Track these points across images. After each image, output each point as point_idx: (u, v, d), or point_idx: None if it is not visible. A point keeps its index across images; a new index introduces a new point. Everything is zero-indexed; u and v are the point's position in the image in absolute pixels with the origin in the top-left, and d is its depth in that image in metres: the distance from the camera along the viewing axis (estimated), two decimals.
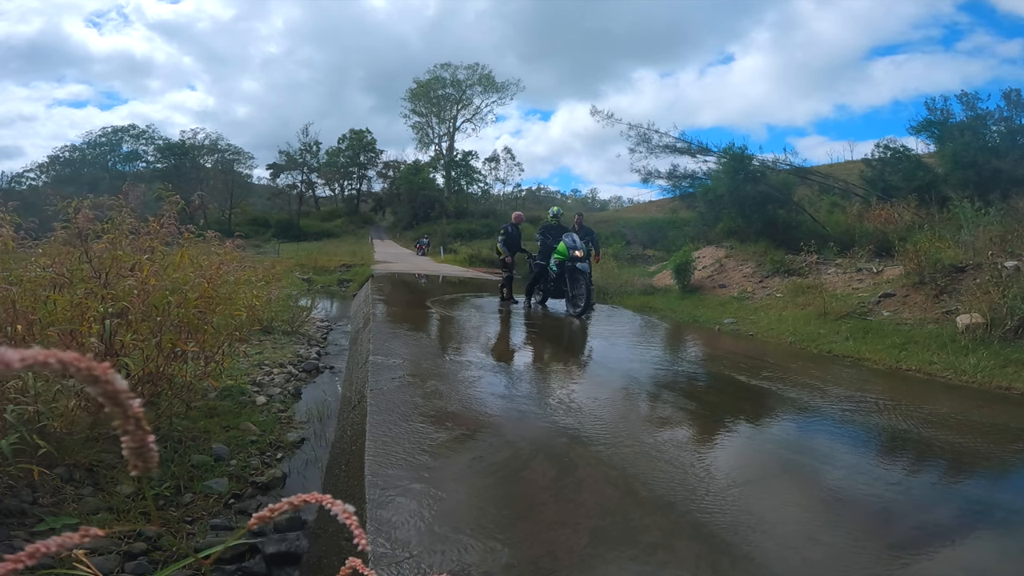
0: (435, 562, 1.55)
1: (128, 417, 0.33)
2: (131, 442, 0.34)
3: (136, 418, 0.34)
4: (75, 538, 0.34)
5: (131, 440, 0.34)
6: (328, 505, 0.43)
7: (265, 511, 0.45)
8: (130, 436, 0.34)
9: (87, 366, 0.31)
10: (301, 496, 0.44)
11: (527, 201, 52.10)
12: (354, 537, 0.43)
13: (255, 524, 0.46)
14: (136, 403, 0.33)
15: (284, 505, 0.44)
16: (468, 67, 45.91)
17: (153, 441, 0.35)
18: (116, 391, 0.32)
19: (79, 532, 0.35)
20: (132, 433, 0.34)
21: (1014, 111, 12.86)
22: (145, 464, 0.35)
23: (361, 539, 0.42)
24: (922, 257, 6.61)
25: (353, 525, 0.42)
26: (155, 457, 0.35)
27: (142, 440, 0.34)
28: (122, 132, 45.27)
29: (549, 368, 4.25)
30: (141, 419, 0.34)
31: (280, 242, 28.87)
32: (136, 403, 0.33)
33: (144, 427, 0.34)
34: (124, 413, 0.33)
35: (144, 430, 0.34)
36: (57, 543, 0.33)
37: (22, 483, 2.10)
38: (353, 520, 0.43)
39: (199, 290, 2.98)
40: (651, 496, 2.03)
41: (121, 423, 0.33)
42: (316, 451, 3.13)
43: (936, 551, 1.75)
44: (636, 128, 14.98)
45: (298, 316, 6.89)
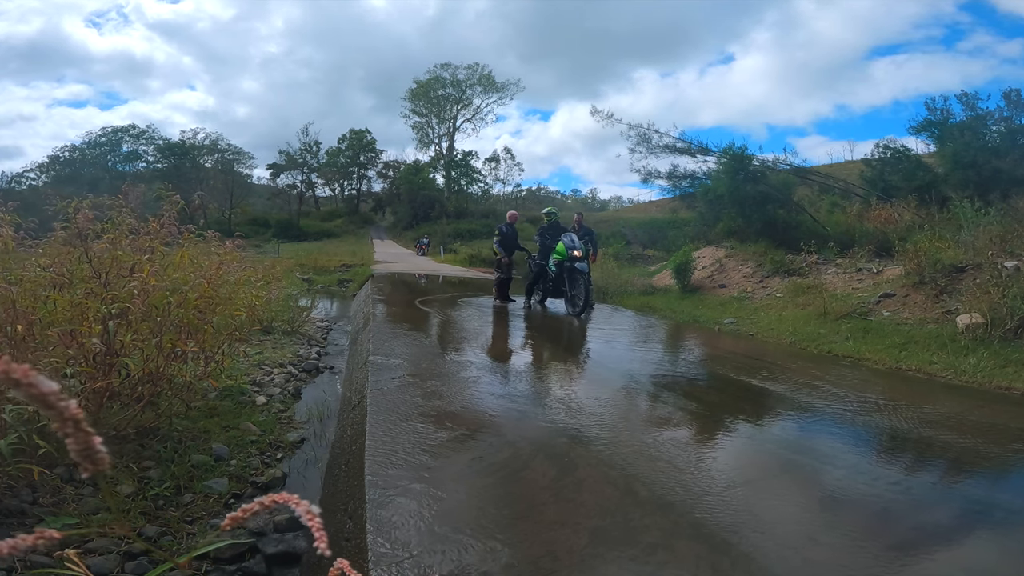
0: (435, 562, 1.55)
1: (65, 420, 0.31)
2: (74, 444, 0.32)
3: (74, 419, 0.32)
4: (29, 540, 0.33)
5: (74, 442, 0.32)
6: (294, 506, 0.43)
7: (239, 512, 0.44)
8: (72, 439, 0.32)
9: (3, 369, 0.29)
10: (272, 496, 0.44)
11: (527, 201, 52.09)
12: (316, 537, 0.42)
13: (229, 525, 0.45)
14: (72, 404, 0.32)
15: (255, 506, 0.44)
16: (468, 67, 45.98)
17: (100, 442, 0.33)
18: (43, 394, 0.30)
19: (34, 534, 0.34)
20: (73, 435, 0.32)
21: (1014, 111, 12.87)
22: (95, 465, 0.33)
23: (322, 542, 0.42)
24: (922, 257, 6.61)
25: (315, 527, 0.42)
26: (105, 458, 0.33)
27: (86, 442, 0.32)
28: (122, 132, 45.31)
29: (549, 368, 4.25)
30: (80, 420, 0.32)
31: (280, 242, 28.87)
32: (72, 404, 0.32)
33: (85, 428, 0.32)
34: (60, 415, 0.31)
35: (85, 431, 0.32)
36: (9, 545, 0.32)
37: (22, 483, 2.10)
38: (316, 522, 0.42)
39: (199, 290, 2.98)
40: (651, 496, 2.03)
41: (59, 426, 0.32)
42: (316, 451, 3.13)
43: (936, 551, 1.75)
44: (636, 128, 14.99)
45: (298, 316, 6.89)
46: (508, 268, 7.94)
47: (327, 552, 0.42)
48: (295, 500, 0.43)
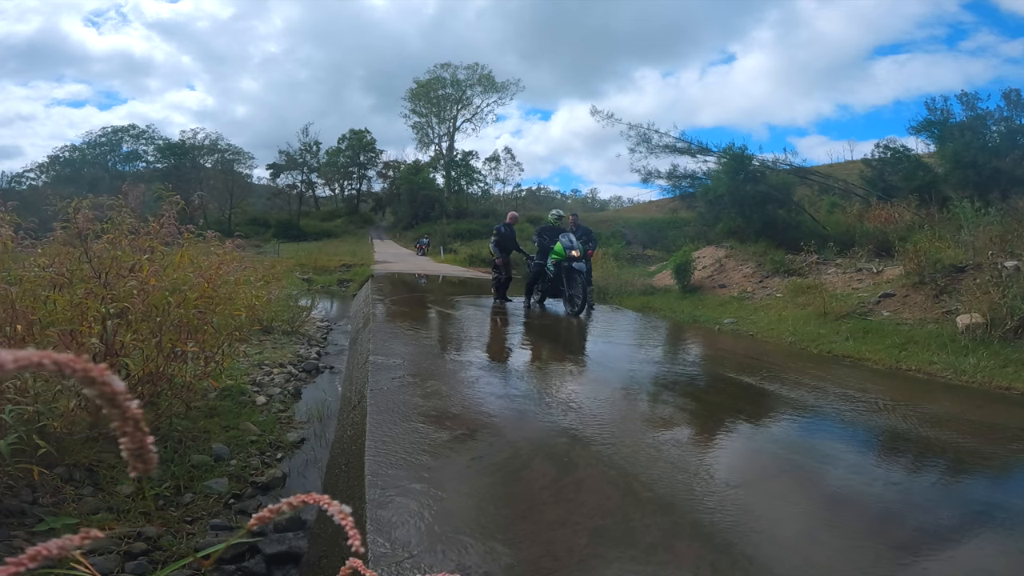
0: (435, 562, 1.55)
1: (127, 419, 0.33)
2: (130, 443, 0.34)
3: (135, 419, 0.33)
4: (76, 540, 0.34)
5: (130, 441, 0.34)
6: (326, 506, 0.43)
7: (265, 511, 0.45)
8: (129, 437, 0.33)
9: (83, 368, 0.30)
10: (300, 496, 0.44)
11: (527, 201, 52.11)
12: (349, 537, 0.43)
13: (255, 524, 0.45)
14: (134, 404, 0.33)
15: (283, 506, 0.44)
16: (468, 67, 45.95)
17: (152, 442, 0.35)
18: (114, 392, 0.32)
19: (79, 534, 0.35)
20: (131, 434, 0.33)
21: (1014, 111, 12.84)
22: (145, 465, 0.34)
23: (356, 540, 0.42)
24: (922, 257, 6.61)
25: (348, 526, 0.42)
26: (154, 458, 0.35)
27: (141, 441, 0.34)
28: (122, 132, 45.33)
29: (549, 368, 4.25)
30: (140, 420, 0.33)
31: (280, 242, 28.87)
32: (134, 404, 0.33)
33: (143, 428, 0.34)
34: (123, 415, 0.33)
35: (143, 431, 0.34)
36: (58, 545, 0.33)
37: (22, 483, 2.10)
38: (349, 521, 0.42)
39: (199, 290, 2.98)
40: (652, 496, 2.03)
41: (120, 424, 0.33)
42: (316, 451, 3.13)
43: (936, 551, 1.75)
44: (636, 128, 14.99)
45: (298, 316, 6.89)
46: (506, 268, 8.00)
47: (361, 549, 0.43)
48: (326, 500, 0.44)
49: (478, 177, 46.43)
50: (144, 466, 0.34)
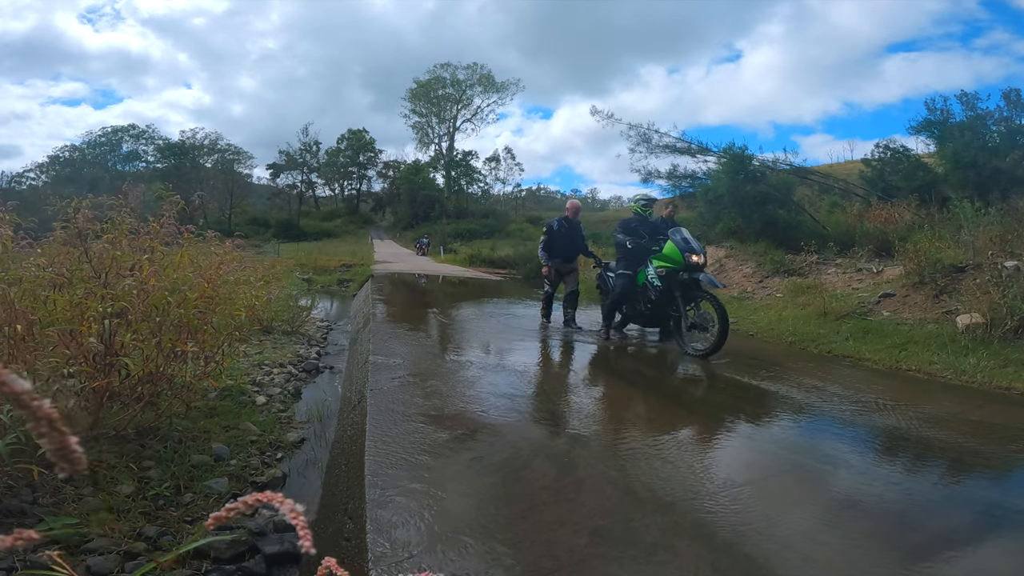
0: (435, 562, 1.54)
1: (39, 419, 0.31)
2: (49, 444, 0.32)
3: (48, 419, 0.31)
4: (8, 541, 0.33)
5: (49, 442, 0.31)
6: (277, 504, 0.42)
7: (222, 511, 0.44)
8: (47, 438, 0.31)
9: None
10: (255, 495, 0.44)
11: (527, 201, 52.12)
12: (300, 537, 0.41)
13: (212, 524, 0.44)
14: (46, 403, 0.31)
15: (240, 505, 0.43)
16: (468, 67, 45.97)
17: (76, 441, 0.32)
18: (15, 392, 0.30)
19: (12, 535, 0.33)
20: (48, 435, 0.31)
21: (1014, 111, 12.84)
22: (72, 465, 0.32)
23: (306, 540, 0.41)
24: (922, 257, 6.61)
25: (300, 526, 0.41)
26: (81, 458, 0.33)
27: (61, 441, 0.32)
28: (122, 132, 45.38)
29: (550, 371, 4.25)
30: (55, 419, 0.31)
31: (280, 242, 28.88)
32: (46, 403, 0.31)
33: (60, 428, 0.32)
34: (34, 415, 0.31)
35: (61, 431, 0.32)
36: None
37: (22, 483, 2.10)
38: (300, 520, 0.41)
39: (199, 290, 2.97)
40: (652, 496, 2.03)
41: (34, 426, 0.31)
42: (316, 451, 3.13)
43: (936, 551, 1.75)
44: (636, 128, 14.99)
45: (298, 316, 6.89)
46: (553, 280, 5.89)
47: (312, 550, 0.42)
48: (279, 499, 0.42)
49: (478, 177, 46.46)
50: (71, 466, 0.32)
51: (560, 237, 5.81)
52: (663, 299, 4.95)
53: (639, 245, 5.16)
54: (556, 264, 5.84)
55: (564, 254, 5.88)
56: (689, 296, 4.80)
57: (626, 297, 5.27)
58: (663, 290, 4.90)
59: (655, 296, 4.99)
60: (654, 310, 5.10)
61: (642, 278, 5.16)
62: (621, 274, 5.30)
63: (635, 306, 5.30)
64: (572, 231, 5.87)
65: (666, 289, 4.89)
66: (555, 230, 5.83)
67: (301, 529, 0.41)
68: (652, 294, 5.02)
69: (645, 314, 5.25)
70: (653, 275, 5.01)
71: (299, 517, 0.41)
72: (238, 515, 0.43)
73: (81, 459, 0.33)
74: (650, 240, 5.17)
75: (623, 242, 5.23)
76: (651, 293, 5.02)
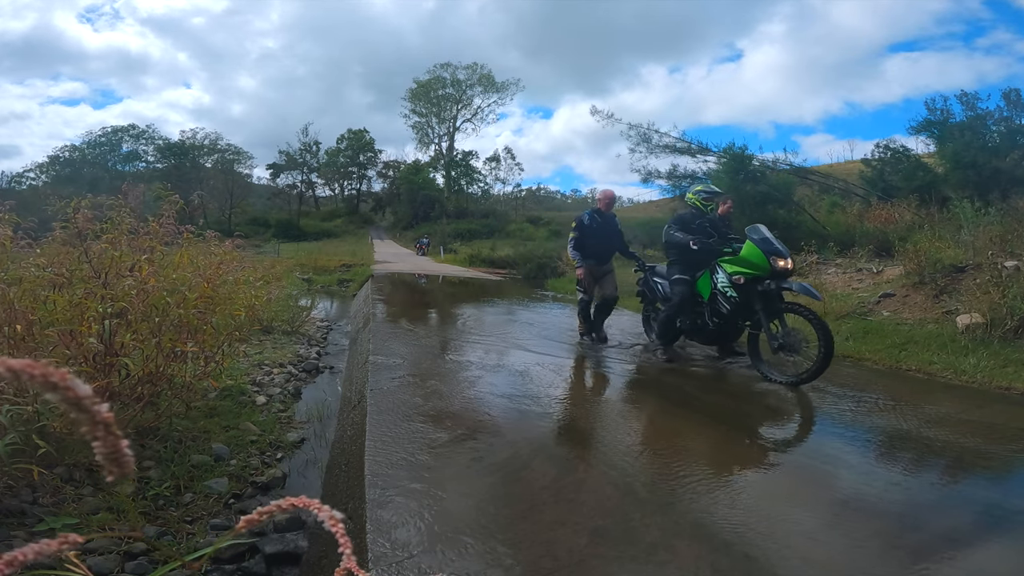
0: (435, 562, 1.54)
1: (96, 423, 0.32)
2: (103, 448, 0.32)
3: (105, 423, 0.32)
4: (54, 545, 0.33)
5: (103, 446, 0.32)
6: (315, 510, 0.42)
7: (254, 514, 0.44)
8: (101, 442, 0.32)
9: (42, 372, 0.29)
10: (290, 499, 0.43)
11: (527, 201, 52.08)
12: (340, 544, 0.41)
13: (244, 527, 0.44)
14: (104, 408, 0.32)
15: (274, 508, 0.43)
16: (468, 67, 45.99)
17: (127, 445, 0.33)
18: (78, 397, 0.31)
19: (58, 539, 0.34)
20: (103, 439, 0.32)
21: (1014, 111, 12.86)
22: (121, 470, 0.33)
23: (347, 549, 0.41)
24: (922, 257, 6.61)
25: (339, 533, 0.41)
26: (131, 462, 0.33)
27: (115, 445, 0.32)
28: (122, 132, 45.41)
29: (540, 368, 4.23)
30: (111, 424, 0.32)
31: (280, 242, 28.89)
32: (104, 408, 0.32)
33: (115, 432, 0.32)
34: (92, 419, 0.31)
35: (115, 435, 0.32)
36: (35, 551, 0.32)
37: (22, 483, 2.10)
38: (339, 528, 0.41)
39: (198, 290, 2.97)
40: (651, 497, 2.03)
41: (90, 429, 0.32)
42: (316, 451, 3.13)
43: (936, 551, 1.75)
44: (636, 128, 15.03)
45: (298, 316, 6.89)
46: (588, 286, 4.96)
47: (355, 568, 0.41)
48: (316, 504, 0.42)
49: (478, 177, 46.47)
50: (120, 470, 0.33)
51: (592, 233, 4.90)
52: (737, 312, 4.08)
53: (707, 246, 4.22)
54: (589, 266, 4.94)
55: (598, 254, 4.94)
56: (771, 309, 3.91)
57: (684, 308, 4.34)
58: (739, 302, 4.04)
59: (728, 308, 4.09)
60: (722, 325, 4.21)
61: (705, 286, 4.28)
62: (678, 280, 4.36)
63: (693, 319, 4.38)
64: (606, 226, 4.95)
65: (743, 301, 4.02)
66: (586, 225, 4.90)
67: (341, 536, 0.41)
68: (723, 306, 4.12)
69: (708, 329, 4.31)
70: (725, 283, 4.09)
71: (338, 524, 0.41)
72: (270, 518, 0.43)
73: (130, 463, 0.33)
74: (720, 240, 4.32)
75: (683, 242, 4.27)
76: (721, 305, 4.14)
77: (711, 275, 4.25)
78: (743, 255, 4.05)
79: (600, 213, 5.00)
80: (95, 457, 0.32)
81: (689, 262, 4.36)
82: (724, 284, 4.10)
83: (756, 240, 4.02)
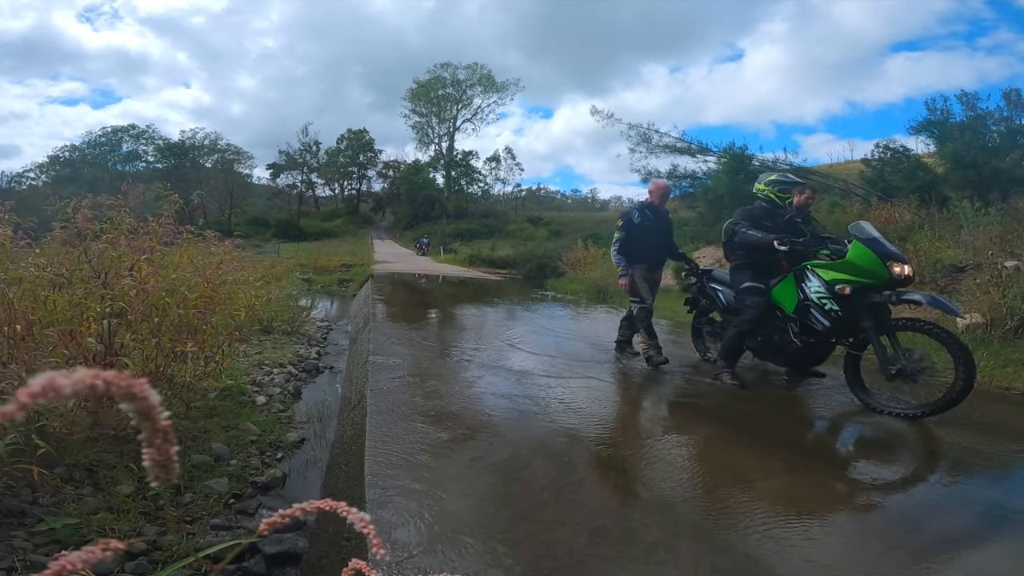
0: (435, 562, 1.54)
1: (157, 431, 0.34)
2: (156, 455, 0.34)
3: (164, 431, 0.34)
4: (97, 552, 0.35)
5: (157, 452, 0.34)
6: (344, 513, 0.43)
7: (276, 516, 0.45)
8: (156, 449, 0.34)
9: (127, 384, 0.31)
10: (315, 503, 0.44)
11: (527, 201, 52.09)
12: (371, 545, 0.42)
13: (266, 530, 0.45)
14: (165, 415, 0.34)
15: (296, 511, 0.44)
16: (468, 67, 46.00)
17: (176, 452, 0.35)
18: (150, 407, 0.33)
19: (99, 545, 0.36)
20: (159, 446, 0.34)
21: (1014, 111, 12.86)
22: (167, 475, 0.35)
23: (379, 549, 0.42)
24: (922, 257, 6.62)
25: (371, 534, 0.42)
26: (177, 468, 0.36)
27: (168, 453, 0.35)
28: (122, 132, 45.46)
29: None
30: (169, 432, 0.34)
31: (280, 242, 28.90)
32: (165, 415, 0.34)
33: (171, 440, 0.35)
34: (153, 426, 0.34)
35: (171, 443, 0.35)
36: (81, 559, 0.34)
37: (22, 483, 2.10)
38: (371, 529, 0.42)
39: (198, 290, 2.98)
40: (651, 497, 2.03)
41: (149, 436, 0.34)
42: (316, 451, 3.13)
43: (937, 551, 1.75)
44: (636, 128, 15.06)
45: (298, 316, 6.89)
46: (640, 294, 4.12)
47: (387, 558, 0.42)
48: (343, 507, 0.44)
49: (478, 177, 46.46)
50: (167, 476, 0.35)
51: (644, 233, 4.08)
52: (838, 329, 3.33)
53: (797, 246, 3.43)
54: (639, 272, 4.07)
55: (649, 258, 4.12)
56: (882, 326, 3.21)
57: (756, 326, 3.57)
58: (842, 316, 3.26)
59: (827, 324, 3.31)
60: (813, 344, 3.46)
61: (786, 296, 3.52)
62: (750, 289, 3.60)
63: (768, 335, 3.61)
64: (659, 224, 4.18)
65: (847, 315, 3.25)
66: (635, 223, 4.09)
67: (373, 538, 0.43)
68: (819, 322, 3.34)
69: (792, 349, 3.51)
70: (822, 293, 3.30)
71: (368, 526, 0.42)
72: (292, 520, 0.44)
73: (176, 469, 0.36)
74: (813, 240, 3.54)
75: (763, 242, 3.49)
76: (816, 320, 3.35)
77: (797, 283, 3.47)
78: (849, 259, 3.24)
79: (652, 208, 4.18)
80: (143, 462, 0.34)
81: (761, 266, 3.63)
82: (821, 294, 3.31)
83: (864, 240, 3.22)
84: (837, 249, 3.39)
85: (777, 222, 3.70)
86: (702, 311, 4.41)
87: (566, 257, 14.27)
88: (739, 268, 3.77)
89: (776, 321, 3.60)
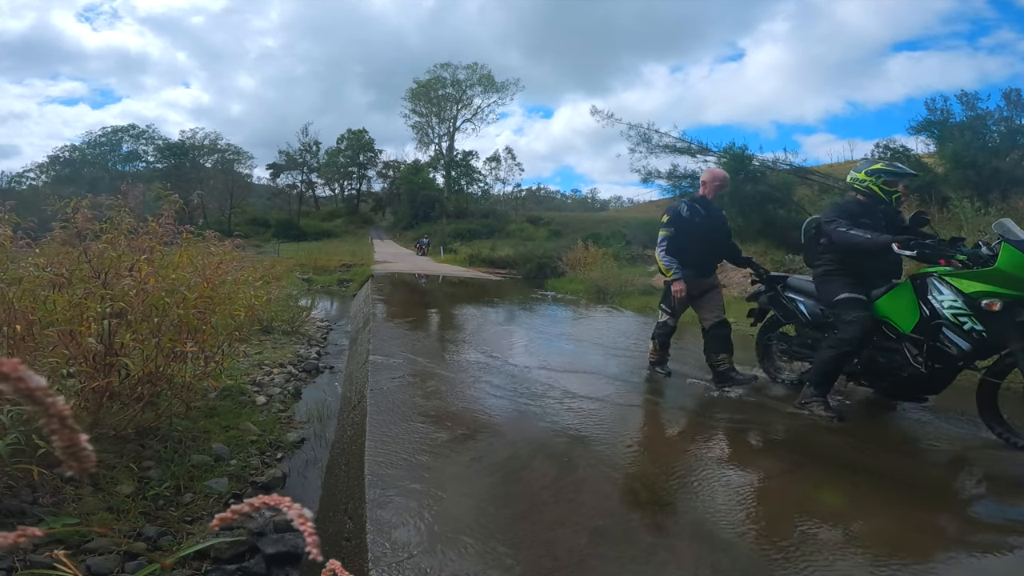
0: (435, 562, 1.54)
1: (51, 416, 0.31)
2: (60, 442, 0.32)
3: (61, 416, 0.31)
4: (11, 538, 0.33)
5: (60, 440, 0.32)
6: (284, 508, 0.42)
7: (227, 512, 0.44)
8: (58, 435, 0.32)
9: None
10: (261, 498, 0.44)
11: (527, 201, 52.07)
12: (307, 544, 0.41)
13: (217, 525, 0.44)
14: (59, 400, 0.31)
15: (245, 507, 0.43)
16: (468, 67, 45.98)
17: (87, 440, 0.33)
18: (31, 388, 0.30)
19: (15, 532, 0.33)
20: (59, 432, 0.32)
21: (1014, 111, 12.86)
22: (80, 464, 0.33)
23: (313, 547, 0.41)
24: None
25: (307, 532, 0.41)
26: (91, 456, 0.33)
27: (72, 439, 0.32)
28: (122, 132, 45.47)
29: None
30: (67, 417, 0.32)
31: (280, 242, 28.92)
32: (59, 400, 0.31)
33: (72, 425, 0.32)
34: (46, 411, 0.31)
35: (72, 428, 0.32)
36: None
37: (22, 483, 2.10)
38: (308, 526, 0.41)
39: (198, 290, 2.98)
40: (651, 498, 2.03)
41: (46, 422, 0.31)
42: (316, 451, 3.13)
43: (937, 551, 1.75)
44: (636, 128, 15.05)
45: (298, 316, 6.89)
46: (684, 304, 3.63)
47: (319, 558, 0.41)
48: (286, 503, 0.42)
49: (478, 177, 46.44)
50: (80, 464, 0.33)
51: (694, 231, 3.51)
52: (979, 352, 2.72)
53: (925, 248, 2.78)
54: (688, 277, 3.51)
55: (699, 261, 3.57)
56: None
57: (860, 346, 2.96)
58: (986, 338, 2.64)
59: (965, 347, 2.70)
60: (940, 370, 2.83)
61: (901, 311, 2.92)
62: (849, 301, 2.99)
63: (871, 357, 3.05)
64: (713, 221, 3.60)
65: (993, 337, 2.63)
66: (684, 219, 3.51)
67: (309, 536, 0.41)
68: (954, 344, 2.72)
69: (911, 376, 2.91)
70: (959, 308, 2.68)
71: (307, 523, 0.41)
72: (242, 517, 0.43)
73: (90, 457, 0.33)
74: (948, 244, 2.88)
75: (875, 243, 2.87)
76: (950, 342, 2.74)
77: (918, 294, 2.87)
78: (1000, 266, 2.55)
79: (704, 203, 3.60)
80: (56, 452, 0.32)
81: (860, 273, 3.04)
82: (958, 310, 2.68)
83: (1017, 243, 2.56)
84: (974, 253, 2.70)
85: (876, 219, 3.03)
86: (770, 324, 3.81)
87: (566, 257, 14.29)
88: (829, 275, 3.12)
89: (886, 341, 2.99)
